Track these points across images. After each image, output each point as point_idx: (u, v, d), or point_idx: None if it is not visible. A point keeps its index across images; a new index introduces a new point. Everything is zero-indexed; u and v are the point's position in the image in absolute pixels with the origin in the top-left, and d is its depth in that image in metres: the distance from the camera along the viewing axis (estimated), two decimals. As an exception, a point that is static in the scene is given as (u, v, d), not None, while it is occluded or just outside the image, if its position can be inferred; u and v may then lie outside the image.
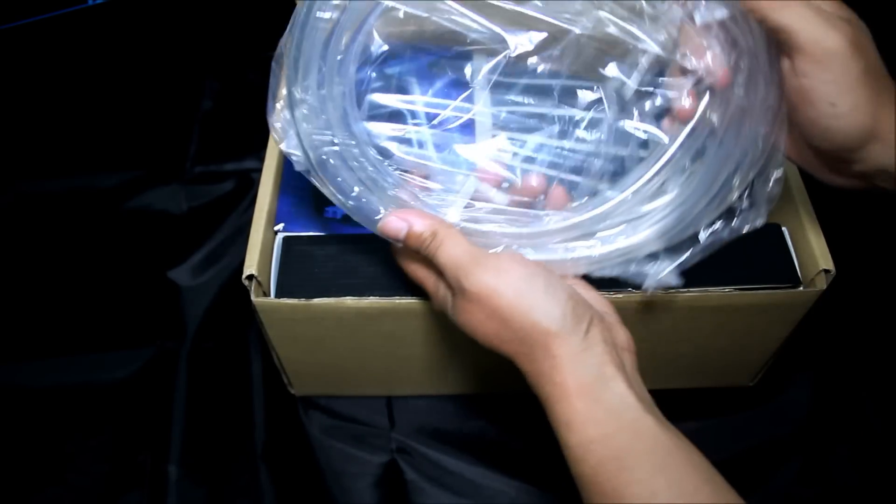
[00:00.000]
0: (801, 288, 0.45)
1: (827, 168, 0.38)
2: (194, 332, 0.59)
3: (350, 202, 0.40)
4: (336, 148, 0.39)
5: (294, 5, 0.58)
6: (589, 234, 0.41)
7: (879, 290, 0.60)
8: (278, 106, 0.41)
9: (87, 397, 0.56)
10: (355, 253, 0.47)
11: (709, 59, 0.38)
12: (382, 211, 0.39)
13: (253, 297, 0.44)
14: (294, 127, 0.40)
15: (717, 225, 0.39)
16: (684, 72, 0.39)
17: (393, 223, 0.38)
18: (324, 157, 0.39)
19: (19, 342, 0.59)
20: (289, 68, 0.40)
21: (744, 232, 0.39)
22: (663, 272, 0.39)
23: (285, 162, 0.51)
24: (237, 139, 0.70)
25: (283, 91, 0.40)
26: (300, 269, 0.46)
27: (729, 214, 0.39)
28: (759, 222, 0.39)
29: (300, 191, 0.50)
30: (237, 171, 0.68)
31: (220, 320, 0.60)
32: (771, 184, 0.38)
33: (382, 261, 0.47)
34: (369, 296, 0.45)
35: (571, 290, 0.36)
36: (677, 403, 0.54)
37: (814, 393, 0.56)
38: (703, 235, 0.39)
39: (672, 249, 0.39)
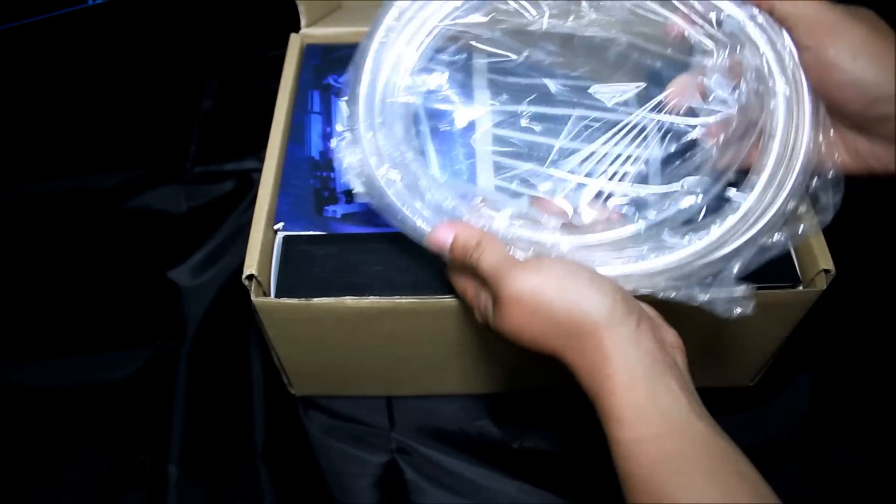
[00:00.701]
0: (801, 288, 0.45)
1: (866, 138, 0.38)
2: (194, 332, 0.59)
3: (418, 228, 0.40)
4: (400, 181, 0.40)
5: (294, 5, 0.58)
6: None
7: (879, 290, 0.60)
8: (343, 142, 0.41)
9: (87, 397, 0.56)
10: (355, 252, 0.47)
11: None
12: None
13: (253, 297, 0.44)
14: (359, 158, 0.40)
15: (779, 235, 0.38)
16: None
17: (440, 233, 0.38)
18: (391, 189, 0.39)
19: (19, 342, 0.59)
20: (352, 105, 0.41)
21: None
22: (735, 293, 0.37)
23: (285, 162, 0.51)
24: (237, 139, 0.70)
25: (345, 125, 0.41)
26: (300, 269, 0.46)
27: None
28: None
29: (300, 190, 0.50)
30: (237, 171, 0.68)
31: (220, 320, 0.60)
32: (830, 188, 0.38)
33: (382, 260, 0.47)
34: (369, 296, 0.45)
35: (618, 285, 0.35)
36: (677, 403, 0.55)
37: (814, 393, 0.56)
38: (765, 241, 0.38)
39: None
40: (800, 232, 0.38)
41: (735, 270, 0.37)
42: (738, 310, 0.36)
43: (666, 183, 0.41)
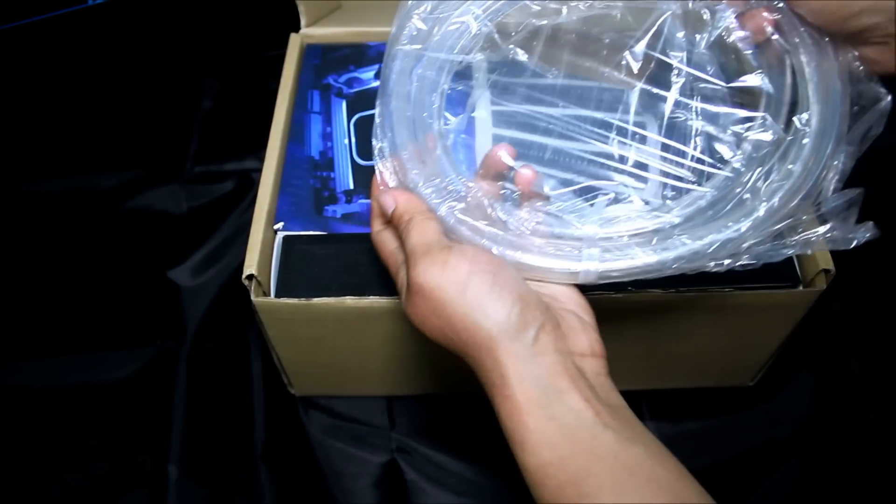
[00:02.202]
0: (801, 288, 0.45)
1: (858, 46, 0.37)
2: (194, 332, 0.59)
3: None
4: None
5: (294, 5, 0.58)
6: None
7: (879, 290, 0.60)
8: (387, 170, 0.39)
9: (87, 397, 0.56)
10: (355, 252, 0.47)
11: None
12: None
13: (253, 297, 0.44)
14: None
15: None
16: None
17: (386, 197, 0.36)
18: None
19: (19, 342, 0.59)
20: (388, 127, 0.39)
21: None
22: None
23: (285, 162, 0.51)
24: (237, 139, 0.70)
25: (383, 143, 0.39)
26: (300, 269, 0.46)
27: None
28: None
29: (300, 190, 0.50)
30: (237, 171, 0.68)
31: (220, 320, 0.60)
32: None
33: (382, 261, 0.47)
34: (369, 295, 0.45)
35: (526, 291, 0.33)
36: (677, 403, 0.55)
37: (814, 393, 0.56)
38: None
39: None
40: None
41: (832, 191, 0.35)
42: (859, 237, 0.34)
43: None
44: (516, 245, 0.35)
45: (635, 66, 0.39)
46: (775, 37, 0.37)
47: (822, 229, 0.35)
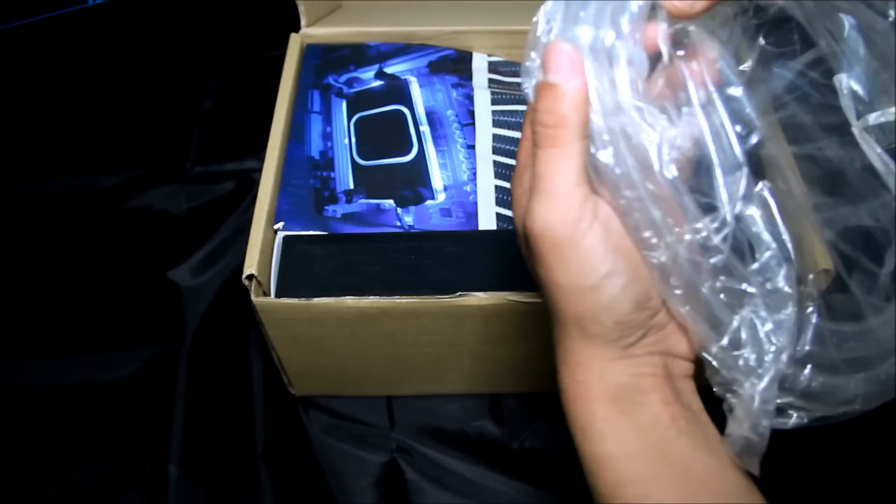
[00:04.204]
0: (801, 288, 0.45)
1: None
2: (194, 332, 0.59)
3: None
4: None
5: (294, 5, 0.58)
6: None
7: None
8: None
9: (87, 397, 0.56)
10: (356, 252, 0.47)
11: None
12: None
13: (253, 297, 0.44)
14: None
15: None
16: None
17: (564, 58, 0.26)
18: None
19: (20, 342, 0.59)
20: None
21: None
22: None
23: (285, 161, 0.51)
24: (237, 139, 0.70)
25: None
26: (300, 269, 0.46)
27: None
28: None
29: (300, 190, 0.50)
30: (237, 171, 0.68)
31: (220, 320, 0.60)
32: None
33: (383, 260, 0.47)
34: (369, 295, 0.45)
35: (650, 285, 0.28)
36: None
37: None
38: None
39: None
40: None
41: None
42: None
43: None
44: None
45: None
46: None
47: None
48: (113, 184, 0.67)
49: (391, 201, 0.50)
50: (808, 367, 0.29)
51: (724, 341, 0.28)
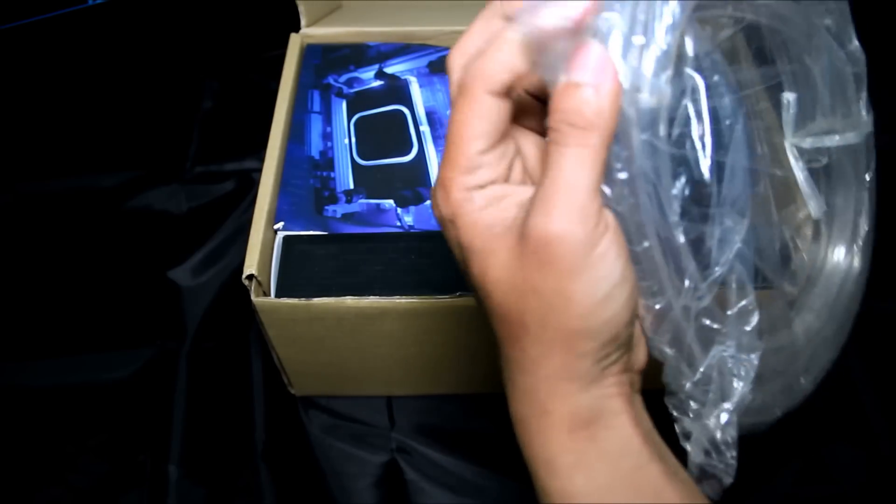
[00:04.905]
0: (801, 288, 0.45)
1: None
2: (194, 332, 0.59)
3: None
4: None
5: (294, 5, 0.58)
6: None
7: (879, 290, 0.60)
8: None
9: (87, 397, 0.56)
10: (356, 252, 0.47)
11: None
12: None
13: (253, 297, 0.44)
14: None
15: None
16: None
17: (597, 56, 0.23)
18: None
19: (20, 342, 0.59)
20: None
21: None
22: None
23: (285, 161, 0.51)
24: (237, 139, 0.70)
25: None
26: (300, 269, 0.46)
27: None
28: None
29: (300, 190, 0.50)
30: (237, 171, 0.68)
31: (220, 320, 0.60)
32: None
33: (383, 260, 0.47)
34: (369, 295, 0.45)
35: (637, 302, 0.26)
36: (677, 403, 0.55)
37: (814, 393, 0.56)
38: None
39: None
40: None
41: None
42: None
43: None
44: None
45: None
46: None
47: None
48: (113, 184, 0.67)
49: (391, 201, 0.50)
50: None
51: (697, 377, 0.28)
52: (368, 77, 0.57)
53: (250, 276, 0.44)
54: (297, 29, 0.59)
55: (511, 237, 0.25)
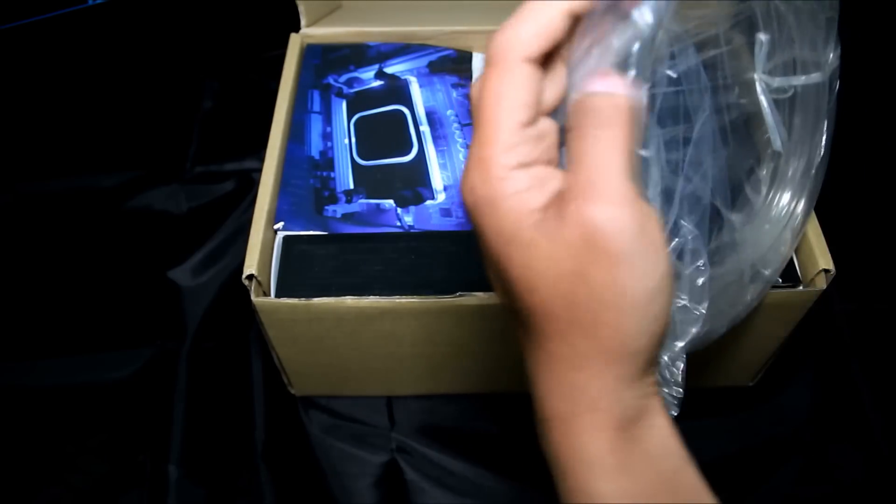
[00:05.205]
0: (801, 288, 0.45)
1: None
2: (194, 332, 0.59)
3: None
4: None
5: (294, 5, 0.58)
6: None
7: (879, 290, 0.60)
8: None
9: (87, 397, 0.56)
10: (356, 252, 0.47)
11: None
12: None
13: (253, 297, 0.44)
14: None
15: None
16: None
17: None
18: None
19: (20, 342, 0.59)
20: None
21: None
22: None
23: (285, 161, 0.51)
24: (237, 139, 0.70)
25: None
26: (300, 269, 0.46)
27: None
28: None
29: (300, 190, 0.50)
30: (237, 171, 0.68)
31: (220, 320, 0.60)
32: None
33: (382, 260, 0.47)
34: (369, 295, 0.45)
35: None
36: (677, 403, 0.55)
37: (814, 393, 0.56)
38: None
39: None
40: None
41: None
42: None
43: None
44: None
45: None
46: None
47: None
48: (113, 184, 0.67)
49: (391, 201, 0.50)
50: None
51: None
52: (368, 77, 0.57)
53: (250, 276, 0.44)
54: (297, 29, 0.59)
55: (555, 224, 0.23)
